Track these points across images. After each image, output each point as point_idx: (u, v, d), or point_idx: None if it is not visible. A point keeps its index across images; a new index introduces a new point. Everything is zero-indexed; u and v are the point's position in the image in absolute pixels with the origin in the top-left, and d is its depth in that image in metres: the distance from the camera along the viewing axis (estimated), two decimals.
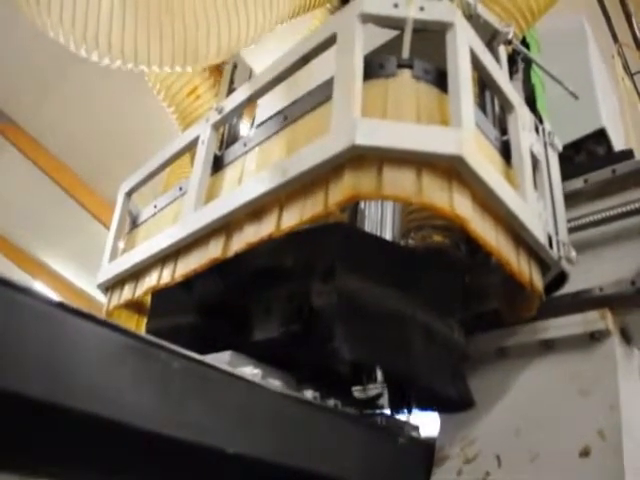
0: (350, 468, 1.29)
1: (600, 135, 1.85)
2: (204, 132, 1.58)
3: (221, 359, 1.22)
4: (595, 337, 1.42)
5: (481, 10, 1.51)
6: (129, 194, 1.95)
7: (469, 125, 1.13)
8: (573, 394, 1.37)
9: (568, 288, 1.54)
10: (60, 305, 0.83)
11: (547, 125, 1.65)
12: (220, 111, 1.56)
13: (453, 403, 1.57)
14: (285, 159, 1.21)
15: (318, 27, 1.86)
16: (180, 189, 1.69)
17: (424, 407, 1.71)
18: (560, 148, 1.67)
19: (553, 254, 1.46)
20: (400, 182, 1.07)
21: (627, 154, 1.71)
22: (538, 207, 1.45)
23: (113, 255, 1.84)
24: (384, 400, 1.40)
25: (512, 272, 1.33)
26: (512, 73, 1.75)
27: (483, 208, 1.21)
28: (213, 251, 1.36)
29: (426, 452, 1.55)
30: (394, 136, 1.06)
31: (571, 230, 1.62)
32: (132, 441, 0.94)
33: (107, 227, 8.71)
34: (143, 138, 8.87)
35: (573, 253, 1.53)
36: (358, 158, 1.08)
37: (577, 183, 1.69)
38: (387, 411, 1.58)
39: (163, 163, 1.81)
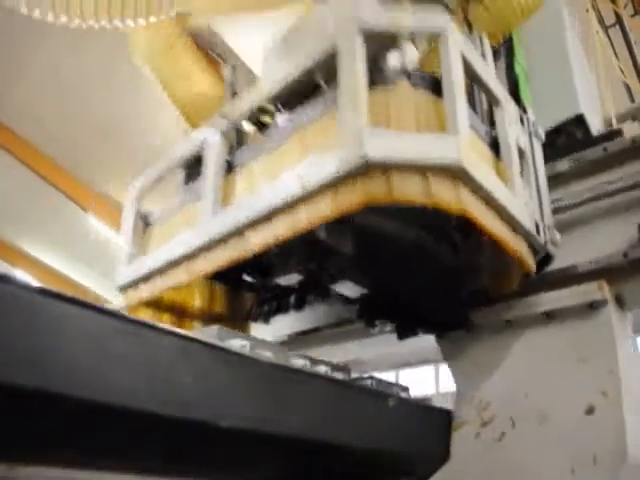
0: (344, 433, 1.33)
1: (579, 120, 1.97)
2: (213, 138, 1.67)
3: (209, 333, 1.21)
4: (593, 306, 1.58)
5: None
6: (138, 199, 2.01)
7: (465, 130, 1.25)
8: (575, 359, 1.54)
9: (565, 262, 1.68)
10: (42, 291, 0.82)
11: (531, 115, 1.78)
12: (224, 116, 1.65)
13: (451, 324, 1.80)
14: (300, 169, 1.31)
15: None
16: (192, 193, 1.78)
17: (426, 330, 1.93)
18: (543, 137, 1.79)
19: (540, 239, 1.60)
20: (408, 186, 1.19)
21: (616, 133, 1.82)
22: (525, 197, 1.58)
23: (130, 259, 1.93)
24: None
25: (508, 253, 1.47)
26: (495, 61, 1.87)
27: (482, 201, 1.34)
28: (233, 252, 1.46)
29: (421, 411, 1.69)
30: (399, 148, 1.18)
31: (565, 208, 1.75)
32: (126, 422, 0.94)
33: (84, 209, 8.55)
34: (117, 119, 8.74)
35: (557, 236, 1.68)
36: (368, 167, 1.20)
37: (564, 164, 1.82)
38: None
39: (171, 166, 1.89)
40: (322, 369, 1.40)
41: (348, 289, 1.88)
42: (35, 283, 0.83)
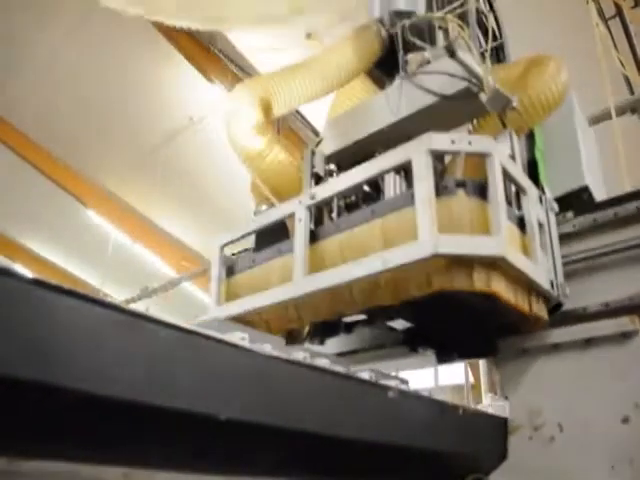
0: (345, 425, 1.37)
1: (584, 190, 2.46)
2: (300, 212, 2.15)
3: (209, 326, 1.19)
4: (626, 336, 1.99)
5: (497, 86, 2.07)
6: (222, 247, 2.49)
7: (505, 231, 1.74)
8: (611, 377, 1.96)
9: (602, 299, 2.12)
10: (39, 283, 0.82)
11: (548, 194, 2.27)
12: (313, 197, 2.13)
13: (482, 352, 2.28)
14: (384, 251, 1.80)
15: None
16: (279, 251, 2.26)
17: (461, 356, 2.42)
18: (557, 209, 2.29)
19: (554, 293, 2.09)
20: (462, 278, 1.69)
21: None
22: (543, 263, 2.07)
23: (219, 299, 2.41)
24: None
25: (525, 314, 1.97)
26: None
27: (509, 280, 1.83)
28: (325, 311, 1.95)
29: (481, 418, 2.07)
30: (460, 246, 1.68)
31: (600, 255, 2.19)
32: (125, 414, 0.95)
33: (84, 204, 8.52)
34: (117, 113, 8.91)
35: (567, 290, 2.17)
36: (437, 258, 1.69)
37: (608, 215, 2.22)
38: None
39: (256, 229, 2.38)
40: (322, 362, 1.43)
41: (399, 324, 2.36)
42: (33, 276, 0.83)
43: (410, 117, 2.29)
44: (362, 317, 2.27)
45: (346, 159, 2.44)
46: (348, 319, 2.35)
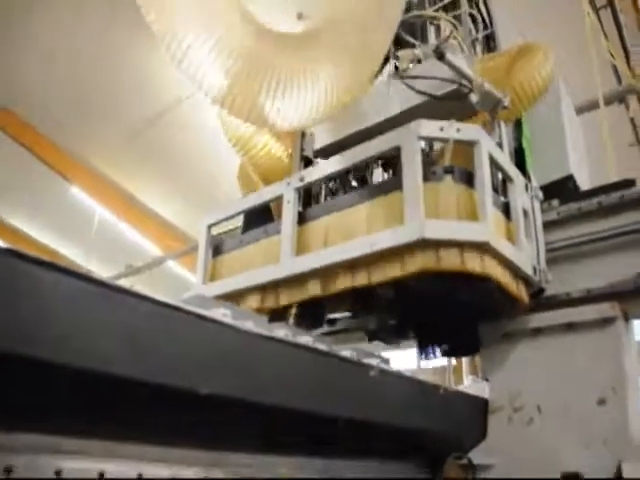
0: (325, 402, 1.38)
1: (569, 178, 2.49)
2: (288, 194, 2.16)
3: (191, 301, 1.18)
4: (606, 321, 2.04)
5: (488, 86, 2.08)
6: (209, 227, 2.50)
7: (490, 217, 1.77)
8: (591, 361, 2.01)
9: (585, 286, 2.15)
10: (20, 255, 0.80)
11: (534, 182, 2.29)
12: (301, 179, 2.14)
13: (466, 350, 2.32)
14: (371, 235, 1.82)
15: None
16: (266, 232, 2.27)
17: (446, 354, 2.47)
18: (542, 197, 2.32)
19: (536, 279, 2.13)
20: (450, 258, 1.71)
21: (629, 183, 2.29)
22: (527, 249, 2.10)
23: (205, 278, 2.42)
24: None
25: (512, 295, 2.00)
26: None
27: (498, 263, 1.86)
28: (313, 289, 1.97)
29: (462, 399, 2.10)
30: (446, 231, 1.70)
31: (584, 243, 2.22)
32: (107, 388, 0.95)
33: (68, 179, 8.36)
34: (100, 86, 8.71)
35: (549, 276, 2.21)
36: (424, 243, 1.71)
37: (592, 204, 2.24)
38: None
39: (244, 209, 2.38)
40: (304, 339, 1.43)
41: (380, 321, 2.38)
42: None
43: (399, 115, 2.28)
44: (345, 315, 2.28)
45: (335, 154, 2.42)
46: (332, 315, 2.35)
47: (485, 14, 2.74)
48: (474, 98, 2.02)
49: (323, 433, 1.51)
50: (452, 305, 2.25)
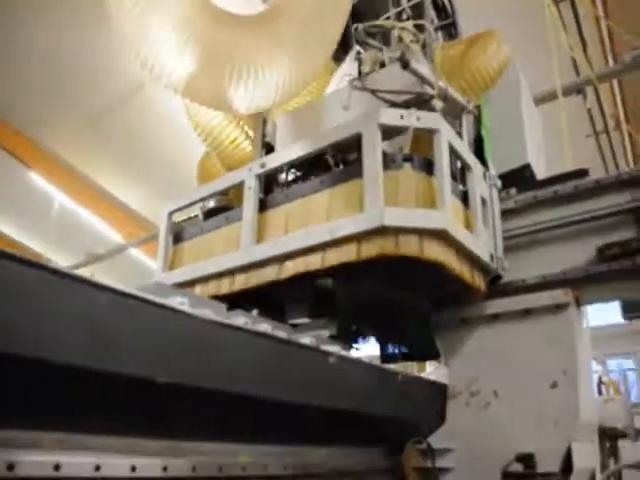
0: (284, 389, 1.39)
1: (527, 167, 2.55)
2: (249, 180, 2.14)
3: (148, 290, 1.17)
4: (559, 307, 2.11)
5: (452, 92, 2.11)
6: (171, 214, 2.47)
7: (449, 205, 1.79)
8: (545, 346, 2.08)
9: (540, 272, 2.21)
10: None
11: (492, 171, 2.34)
12: (263, 166, 2.13)
13: (425, 355, 2.40)
14: (331, 222, 1.82)
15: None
16: (227, 218, 2.25)
17: (406, 359, 2.52)
18: (500, 186, 2.36)
19: (493, 266, 2.18)
20: (409, 244, 1.73)
21: (582, 172, 2.36)
22: (485, 237, 2.14)
23: (165, 265, 2.39)
24: None
25: (467, 284, 2.04)
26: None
27: (455, 251, 1.89)
28: (271, 274, 1.97)
29: (423, 384, 2.16)
30: (405, 218, 1.72)
31: (539, 231, 2.28)
32: (61, 378, 0.94)
33: (25, 163, 8.06)
34: (60, 67, 8.49)
35: (506, 263, 2.27)
36: (383, 229, 1.72)
37: (548, 193, 2.31)
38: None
39: (206, 196, 2.36)
40: (263, 327, 1.44)
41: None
42: None
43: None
44: (304, 320, 2.28)
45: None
46: (293, 321, 2.32)
47: (447, 2, 2.76)
48: (438, 105, 2.03)
49: (283, 420, 1.52)
50: (409, 299, 2.28)
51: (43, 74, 8.62)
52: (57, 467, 1.03)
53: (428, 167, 1.86)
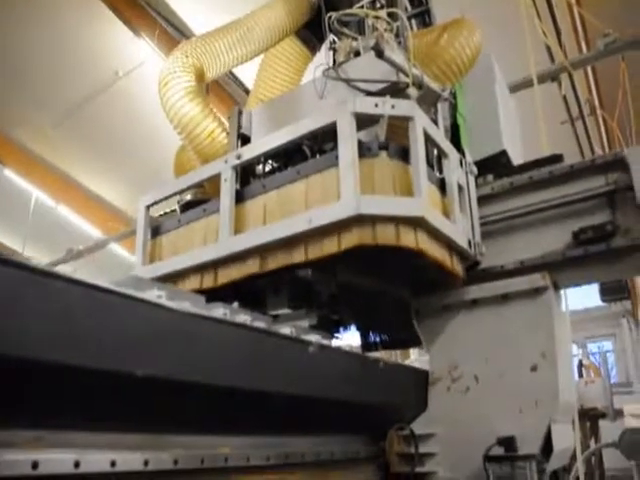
0: (265, 380, 1.39)
1: (503, 154, 2.57)
2: (225, 172, 2.13)
3: (125, 283, 1.17)
4: (538, 291, 2.14)
5: (427, 80, 2.12)
6: (148, 207, 2.44)
7: (425, 192, 1.80)
8: (524, 330, 2.10)
9: (518, 257, 2.24)
10: None
11: (468, 157, 2.35)
12: (239, 157, 2.11)
13: (406, 342, 2.37)
14: (309, 211, 1.82)
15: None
16: (204, 210, 2.24)
17: (387, 347, 2.51)
18: (476, 172, 2.38)
19: (471, 252, 2.20)
20: (387, 232, 1.74)
21: (557, 158, 2.38)
22: (462, 223, 2.16)
23: (145, 259, 2.38)
24: None
25: (447, 270, 2.06)
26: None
27: (433, 238, 1.91)
28: (252, 267, 1.96)
29: (405, 371, 2.21)
30: (381, 206, 1.72)
31: (516, 216, 2.30)
32: (38, 375, 0.94)
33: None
34: (32, 60, 8.34)
35: (484, 249, 2.29)
36: (360, 218, 1.73)
37: (523, 179, 2.33)
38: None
39: (184, 188, 2.34)
40: (242, 318, 1.44)
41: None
42: None
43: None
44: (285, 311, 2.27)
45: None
46: (274, 312, 2.31)
47: None
48: (413, 93, 2.03)
49: (265, 411, 1.52)
50: (389, 287, 2.30)
51: (14, 68, 8.45)
52: (35, 465, 1.02)
53: (404, 155, 1.87)
